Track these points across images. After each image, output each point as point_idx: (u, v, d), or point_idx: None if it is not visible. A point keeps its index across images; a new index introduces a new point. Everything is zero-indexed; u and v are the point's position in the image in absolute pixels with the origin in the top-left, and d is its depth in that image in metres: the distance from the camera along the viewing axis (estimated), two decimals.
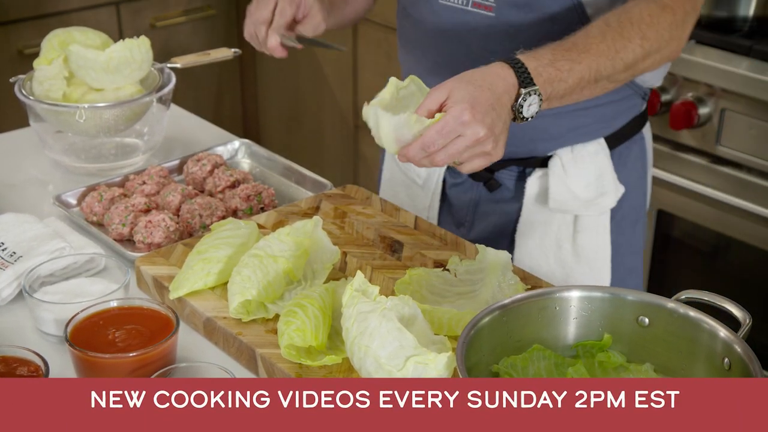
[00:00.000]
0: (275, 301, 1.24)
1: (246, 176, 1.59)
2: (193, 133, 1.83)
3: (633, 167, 1.55)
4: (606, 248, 1.52)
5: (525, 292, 1.13)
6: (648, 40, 1.26)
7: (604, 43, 1.25)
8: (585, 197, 1.48)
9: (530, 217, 1.51)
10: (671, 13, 1.28)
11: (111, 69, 1.60)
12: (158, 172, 1.57)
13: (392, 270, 1.33)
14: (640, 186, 1.57)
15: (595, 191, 1.49)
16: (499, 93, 1.16)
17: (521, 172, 1.51)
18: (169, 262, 1.33)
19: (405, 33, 1.55)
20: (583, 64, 1.22)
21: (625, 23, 1.26)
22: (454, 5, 1.42)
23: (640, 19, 1.26)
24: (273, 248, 1.26)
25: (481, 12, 1.40)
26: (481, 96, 1.15)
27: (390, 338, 1.05)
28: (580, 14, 1.36)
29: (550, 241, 1.52)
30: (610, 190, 1.49)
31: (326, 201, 1.51)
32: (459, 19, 1.42)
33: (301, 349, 1.14)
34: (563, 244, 1.52)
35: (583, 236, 1.51)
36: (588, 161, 1.48)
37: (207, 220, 1.46)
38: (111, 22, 2.94)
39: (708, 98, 2.11)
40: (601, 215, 1.51)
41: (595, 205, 1.49)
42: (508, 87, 1.18)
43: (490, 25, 1.40)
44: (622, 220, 1.54)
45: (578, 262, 1.52)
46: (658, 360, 1.09)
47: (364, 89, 2.98)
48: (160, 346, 1.10)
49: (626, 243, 1.56)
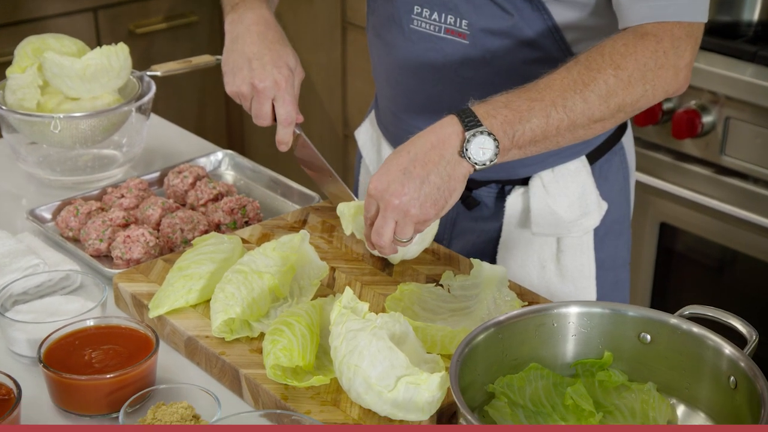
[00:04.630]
0: (260, 319, 1.23)
1: (230, 189, 1.59)
2: (174, 144, 1.83)
3: (614, 179, 1.55)
4: (591, 266, 1.53)
5: (521, 308, 1.13)
6: (624, 70, 1.22)
7: (568, 78, 1.22)
8: (568, 218, 1.48)
9: (511, 236, 1.52)
10: (653, 41, 1.24)
11: (88, 77, 1.60)
12: (137, 185, 1.57)
13: (383, 286, 1.33)
14: (623, 197, 1.58)
15: (578, 211, 1.49)
16: (424, 149, 1.18)
17: (501, 189, 1.51)
18: (148, 279, 1.33)
19: (376, 52, 1.56)
20: (545, 101, 1.20)
21: (594, 56, 1.24)
22: (426, 31, 1.42)
23: (613, 50, 1.24)
24: (258, 264, 1.25)
25: (455, 39, 1.40)
26: (392, 163, 1.18)
27: (380, 357, 1.05)
28: (557, 39, 1.36)
29: (532, 261, 1.52)
30: (593, 209, 1.49)
31: (314, 214, 1.51)
32: (432, 45, 1.43)
33: (288, 370, 1.13)
34: (547, 264, 1.52)
35: (566, 256, 1.51)
36: (569, 180, 1.48)
37: (188, 235, 1.46)
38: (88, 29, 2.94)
39: (712, 106, 2.12)
40: (585, 235, 1.51)
41: (579, 225, 1.49)
42: (445, 137, 1.18)
43: (465, 53, 1.40)
44: (605, 236, 1.55)
45: (563, 281, 1.53)
46: (660, 379, 1.09)
47: (354, 97, 2.98)
48: (139, 367, 1.09)
49: (610, 257, 1.57)
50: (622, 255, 1.60)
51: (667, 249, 2.30)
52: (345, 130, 3.06)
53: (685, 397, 1.08)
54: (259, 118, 1.41)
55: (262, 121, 1.42)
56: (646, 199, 2.25)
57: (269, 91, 1.39)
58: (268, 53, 1.40)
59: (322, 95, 3.06)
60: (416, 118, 1.50)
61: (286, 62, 1.40)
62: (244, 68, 1.40)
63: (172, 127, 1.91)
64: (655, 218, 2.27)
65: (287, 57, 1.41)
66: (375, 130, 1.66)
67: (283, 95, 1.39)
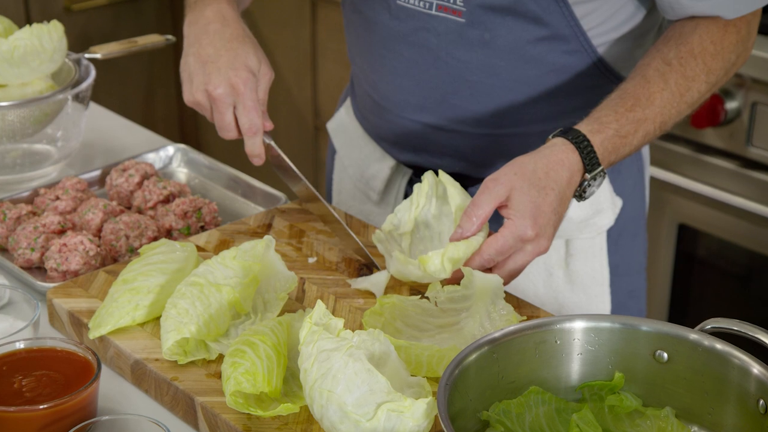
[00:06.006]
0: (219, 339, 1.23)
1: (182, 189, 1.59)
2: (117, 138, 1.83)
3: (628, 172, 1.57)
4: (604, 271, 1.54)
5: (519, 323, 1.13)
6: (713, 74, 1.34)
7: (667, 90, 1.32)
8: (578, 218, 1.49)
9: None
10: (735, 33, 1.35)
11: (15, 60, 1.59)
12: (75, 186, 1.57)
13: (360, 299, 1.33)
14: (637, 192, 1.59)
15: (589, 210, 1.50)
16: (563, 188, 1.26)
17: None
18: (88, 294, 1.33)
19: (355, 31, 1.56)
20: (648, 122, 1.31)
21: (686, 58, 1.33)
22: (415, 8, 1.43)
23: (703, 50, 1.33)
24: (216, 275, 1.25)
25: (449, 17, 1.41)
26: (544, 203, 1.25)
27: (358, 381, 1.05)
28: (566, 14, 1.38)
29: (537, 268, 1.53)
30: (606, 206, 1.51)
31: (280, 217, 1.51)
32: (422, 24, 1.44)
33: (251, 397, 1.13)
34: (554, 270, 1.53)
35: (576, 261, 1.52)
36: None
37: (135, 242, 1.45)
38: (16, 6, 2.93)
39: (736, 90, 2.14)
40: (597, 236, 1.52)
41: (590, 225, 1.50)
42: (573, 174, 1.27)
43: (460, 33, 1.41)
44: (619, 237, 1.56)
45: (573, 290, 1.53)
46: (679, 403, 1.10)
47: (326, 83, 2.99)
48: (78, 396, 1.09)
49: (625, 262, 1.58)
50: (638, 259, 1.62)
51: (687, 254, 2.32)
52: (316, 120, 3.06)
53: (707, 423, 1.09)
54: (222, 129, 1.41)
55: (226, 132, 1.41)
56: (661, 197, 2.27)
57: (227, 98, 1.39)
58: (224, 54, 1.40)
59: (289, 81, 3.06)
60: (404, 108, 1.51)
61: (244, 63, 1.39)
62: (199, 74, 1.40)
63: (115, 118, 1.91)
64: (673, 219, 2.28)
65: (246, 56, 1.40)
66: (351, 121, 1.66)
67: (243, 101, 1.39)
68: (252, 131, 1.39)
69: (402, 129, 1.53)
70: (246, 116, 1.39)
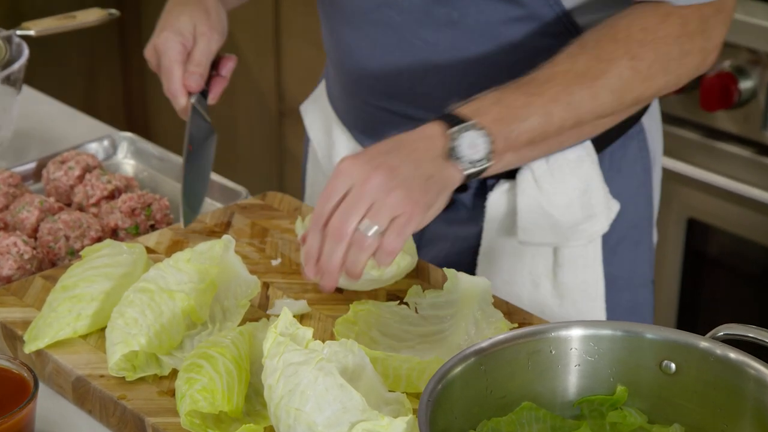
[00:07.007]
0: (172, 352, 1.23)
1: (129, 183, 1.58)
2: (55, 126, 1.82)
3: (630, 172, 1.56)
4: (598, 284, 1.53)
5: (510, 330, 1.14)
6: (642, 60, 1.30)
7: (574, 69, 1.29)
8: (566, 222, 1.48)
9: (494, 245, 1.52)
10: (678, 25, 1.31)
11: None
12: (6, 180, 1.56)
13: (331, 305, 1.33)
14: (642, 195, 1.58)
15: (579, 214, 1.49)
16: (411, 139, 1.23)
17: (481, 185, 1.52)
18: (23, 303, 1.32)
19: (323, 7, 1.58)
20: (545, 97, 1.27)
21: (604, 42, 1.31)
22: None
23: (628, 35, 1.30)
24: (168, 280, 1.25)
25: None
26: (371, 147, 1.24)
27: (329, 398, 1.05)
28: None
29: (522, 278, 1.53)
30: (599, 210, 1.49)
31: (240, 214, 1.51)
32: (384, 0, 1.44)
33: (209, 417, 1.13)
34: (540, 281, 1.53)
35: (566, 271, 1.51)
36: (569, 172, 1.48)
37: (76, 244, 1.45)
38: None
39: (752, 68, 2.15)
40: (590, 243, 1.52)
41: (581, 232, 1.49)
42: (427, 135, 1.23)
43: (426, 10, 1.41)
44: (618, 245, 1.55)
45: (561, 304, 1.53)
46: (689, 419, 1.10)
47: (292, 63, 2.98)
48: (12, 419, 1.09)
49: (626, 274, 1.57)
50: (643, 271, 1.61)
51: (697, 252, 2.33)
52: (280, 105, 3.05)
53: None
54: None
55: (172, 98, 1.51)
56: (669, 189, 2.27)
57: (153, 60, 1.52)
58: (162, 18, 1.52)
59: (249, 60, 3.05)
60: (369, 94, 1.51)
61: (173, 25, 1.50)
62: None
63: (52, 103, 1.90)
64: (681, 213, 2.29)
65: (177, 19, 1.51)
66: (326, 106, 1.66)
67: (162, 63, 1.50)
68: (170, 93, 1.49)
69: (371, 117, 1.53)
70: (164, 78, 1.50)
